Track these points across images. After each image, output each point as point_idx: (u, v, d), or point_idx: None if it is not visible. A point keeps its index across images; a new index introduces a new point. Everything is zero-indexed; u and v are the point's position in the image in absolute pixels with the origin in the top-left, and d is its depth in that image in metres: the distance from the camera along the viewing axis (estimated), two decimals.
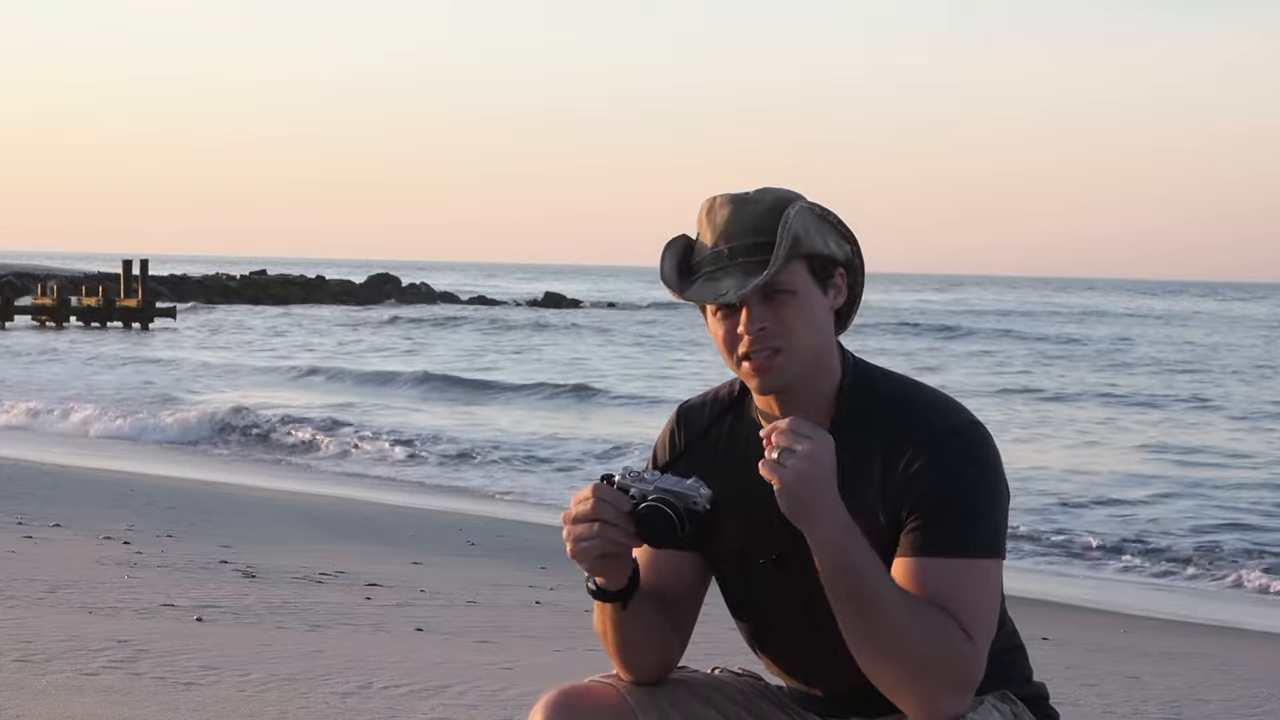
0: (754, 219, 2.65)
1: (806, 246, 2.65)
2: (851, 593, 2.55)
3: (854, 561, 2.54)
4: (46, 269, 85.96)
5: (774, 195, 2.68)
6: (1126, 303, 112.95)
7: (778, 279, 2.63)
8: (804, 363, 2.67)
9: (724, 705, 2.81)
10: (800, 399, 2.70)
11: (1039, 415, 28.60)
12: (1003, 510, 2.66)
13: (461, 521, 13.99)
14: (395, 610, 8.19)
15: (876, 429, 2.68)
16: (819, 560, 2.57)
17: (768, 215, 2.65)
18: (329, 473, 19.34)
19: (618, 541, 2.61)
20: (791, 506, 2.54)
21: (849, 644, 2.59)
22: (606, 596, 2.69)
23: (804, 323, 2.66)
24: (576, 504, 2.61)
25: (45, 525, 10.88)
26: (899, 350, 48.59)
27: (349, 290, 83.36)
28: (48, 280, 66.79)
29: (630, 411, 28.69)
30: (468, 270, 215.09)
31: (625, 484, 2.61)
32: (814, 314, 2.67)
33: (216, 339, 51.34)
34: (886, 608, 2.54)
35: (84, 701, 5.52)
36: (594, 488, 2.61)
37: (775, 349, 2.64)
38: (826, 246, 2.68)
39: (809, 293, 2.66)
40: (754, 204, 2.67)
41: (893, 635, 2.54)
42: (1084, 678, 7.47)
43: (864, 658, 2.59)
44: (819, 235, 2.68)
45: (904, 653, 2.55)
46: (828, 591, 2.58)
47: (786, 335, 2.64)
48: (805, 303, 2.66)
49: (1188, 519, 16.52)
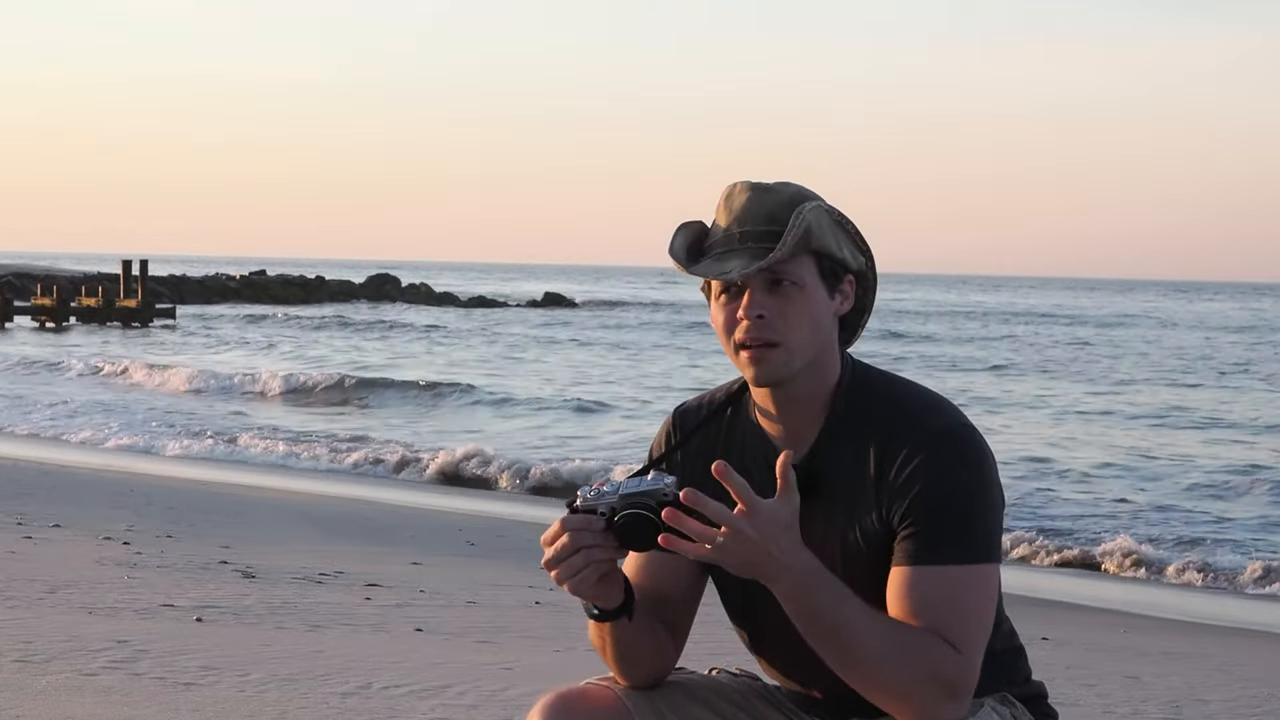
0: (770, 207, 2.66)
1: (818, 243, 2.65)
2: (825, 632, 2.55)
3: (821, 604, 2.53)
4: (46, 269, 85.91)
5: (794, 189, 2.69)
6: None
7: (784, 268, 2.63)
8: (801, 360, 2.66)
9: (721, 707, 2.81)
10: (797, 398, 2.70)
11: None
12: (997, 513, 2.65)
13: (461, 522, 14.00)
14: (395, 610, 8.19)
15: (871, 429, 2.67)
16: (785, 607, 2.56)
17: (784, 206, 2.65)
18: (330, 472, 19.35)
19: (606, 560, 2.58)
20: (741, 573, 2.53)
21: (835, 673, 2.60)
22: (609, 616, 2.66)
23: (805, 318, 2.65)
24: (550, 544, 2.55)
25: (45, 525, 10.88)
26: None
27: (348, 290, 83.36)
28: (48, 280, 66.77)
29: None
30: (468, 271, 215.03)
31: (590, 505, 2.55)
32: (817, 312, 2.66)
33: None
34: (862, 642, 2.53)
35: (84, 702, 5.52)
36: (562, 521, 2.54)
37: (772, 341, 2.64)
38: (840, 250, 2.68)
39: (815, 290, 2.66)
40: (773, 193, 2.67)
41: (874, 665, 2.54)
42: (1084, 678, 7.47)
43: (852, 684, 2.59)
44: (833, 236, 2.67)
45: (888, 679, 2.55)
46: (801, 632, 2.58)
47: (785, 328, 2.64)
48: (809, 299, 2.65)
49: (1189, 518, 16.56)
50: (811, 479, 2.67)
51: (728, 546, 2.47)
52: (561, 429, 25.72)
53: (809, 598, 2.53)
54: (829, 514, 2.67)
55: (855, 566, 2.65)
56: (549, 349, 48.97)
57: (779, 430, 2.72)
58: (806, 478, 2.67)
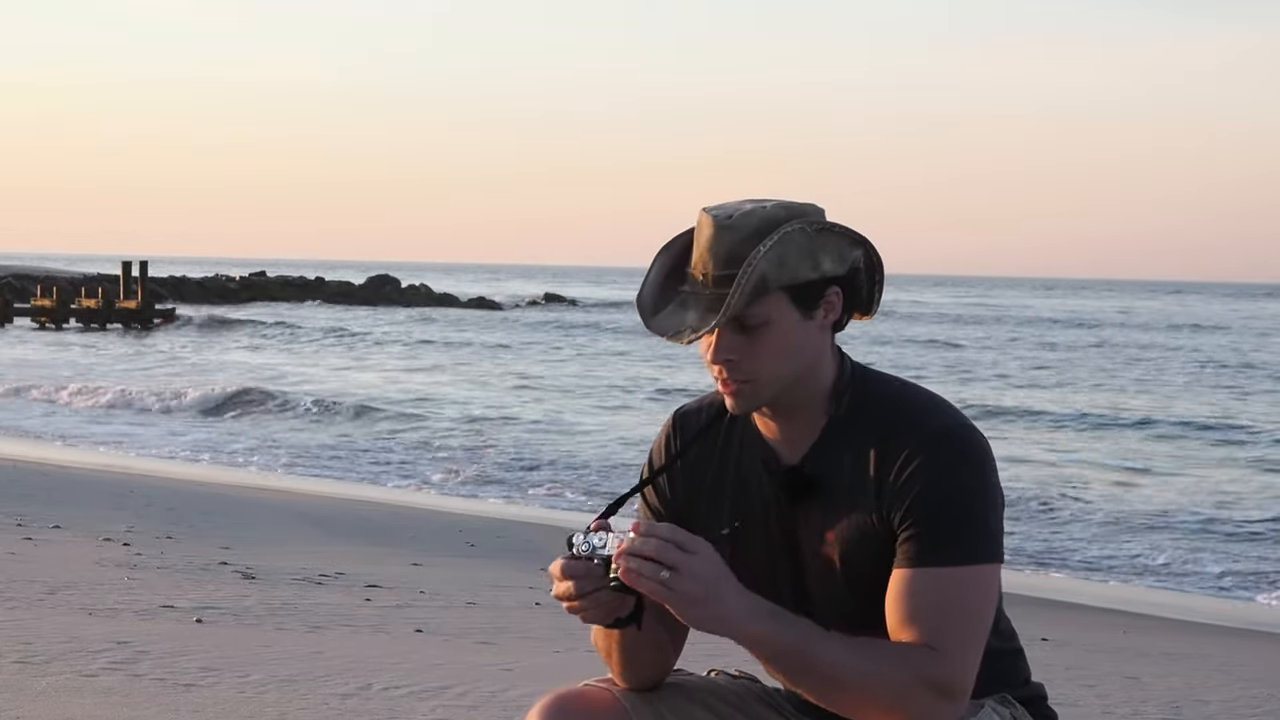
0: (729, 246, 2.57)
1: (786, 279, 2.57)
2: (796, 669, 2.55)
3: (784, 646, 2.53)
4: (46, 270, 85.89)
5: (759, 218, 2.59)
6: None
7: (748, 312, 2.57)
8: (776, 388, 2.63)
9: (720, 708, 2.80)
10: (790, 408, 2.68)
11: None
12: (997, 513, 2.64)
13: (461, 523, 14.00)
14: (395, 611, 8.19)
15: (871, 430, 2.66)
16: (754, 656, 2.56)
17: (746, 242, 2.56)
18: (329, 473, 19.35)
19: (613, 602, 2.58)
20: (695, 625, 2.53)
21: (828, 708, 2.60)
22: (619, 625, 2.65)
23: (777, 354, 2.60)
24: (557, 581, 2.57)
25: (45, 527, 10.88)
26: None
27: (348, 291, 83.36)
28: (48, 282, 66.80)
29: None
30: (468, 272, 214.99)
31: (585, 555, 2.55)
32: (791, 342, 2.61)
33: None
34: (838, 673, 2.53)
35: (84, 703, 5.52)
36: (562, 569, 2.55)
37: (744, 379, 2.62)
38: (816, 269, 2.60)
39: (785, 321, 2.59)
40: (733, 230, 2.58)
41: (856, 690, 2.54)
42: (1084, 678, 7.47)
43: (846, 713, 2.59)
44: (806, 260, 2.59)
45: (874, 698, 2.54)
46: (781, 677, 2.58)
47: (754, 367, 2.60)
48: (780, 332, 2.60)
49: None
50: (810, 481, 2.67)
51: (685, 590, 2.46)
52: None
53: (769, 643, 2.52)
54: (828, 516, 2.66)
55: (856, 569, 2.65)
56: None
57: (776, 434, 2.72)
58: (804, 480, 2.67)
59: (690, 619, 2.52)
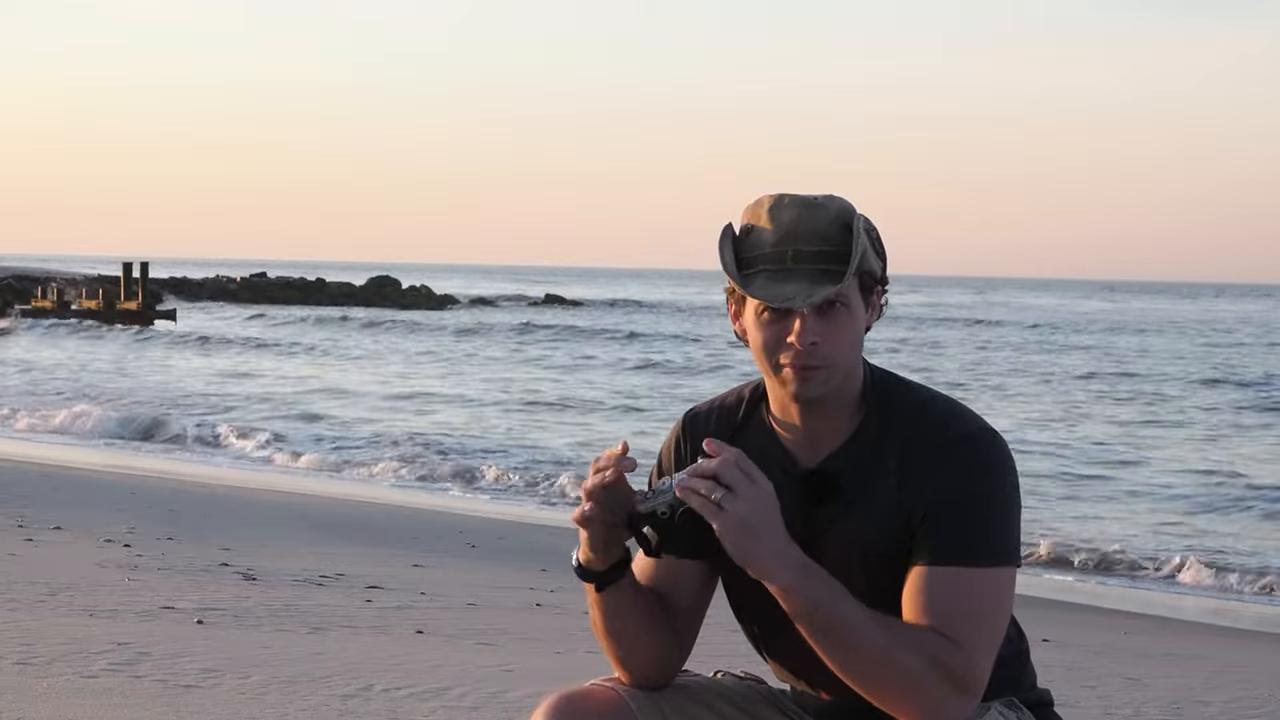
0: (820, 225, 2.62)
1: (865, 266, 2.63)
2: (823, 630, 2.56)
3: (818, 600, 2.55)
4: (46, 272, 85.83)
5: (838, 204, 2.65)
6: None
7: (843, 291, 2.61)
8: (842, 377, 2.66)
9: (726, 710, 2.80)
10: (825, 405, 2.69)
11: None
12: (1015, 517, 2.66)
13: (462, 524, 13.98)
14: (396, 612, 8.19)
15: (894, 435, 2.68)
16: (783, 604, 2.57)
17: (833, 224, 2.62)
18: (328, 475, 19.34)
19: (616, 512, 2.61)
20: (736, 554, 2.54)
21: (838, 675, 2.60)
22: (589, 576, 2.68)
23: (851, 339, 2.65)
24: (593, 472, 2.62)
25: (46, 528, 10.88)
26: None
27: (348, 292, 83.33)
28: (48, 283, 66.76)
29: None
30: (469, 271, 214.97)
31: (650, 508, 2.58)
32: (859, 330, 2.66)
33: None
34: (861, 641, 2.55)
35: (84, 704, 5.52)
36: (589, 491, 2.60)
37: (823, 364, 2.63)
38: (876, 263, 2.67)
39: (858, 308, 2.65)
40: (821, 209, 2.63)
41: (876, 662, 2.55)
42: (1085, 679, 7.47)
43: (854, 686, 2.60)
44: (875, 254, 2.66)
45: (891, 676, 2.55)
46: (802, 632, 2.59)
47: (834, 351, 2.63)
48: (854, 318, 2.64)
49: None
50: (832, 483, 2.68)
51: (742, 513, 2.50)
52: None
53: (804, 595, 2.54)
54: (849, 517, 2.68)
55: (875, 570, 2.66)
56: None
57: (797, 436, 2.72)
58: (827, 483, 2.68)
59: (734, 548, 2.53)
